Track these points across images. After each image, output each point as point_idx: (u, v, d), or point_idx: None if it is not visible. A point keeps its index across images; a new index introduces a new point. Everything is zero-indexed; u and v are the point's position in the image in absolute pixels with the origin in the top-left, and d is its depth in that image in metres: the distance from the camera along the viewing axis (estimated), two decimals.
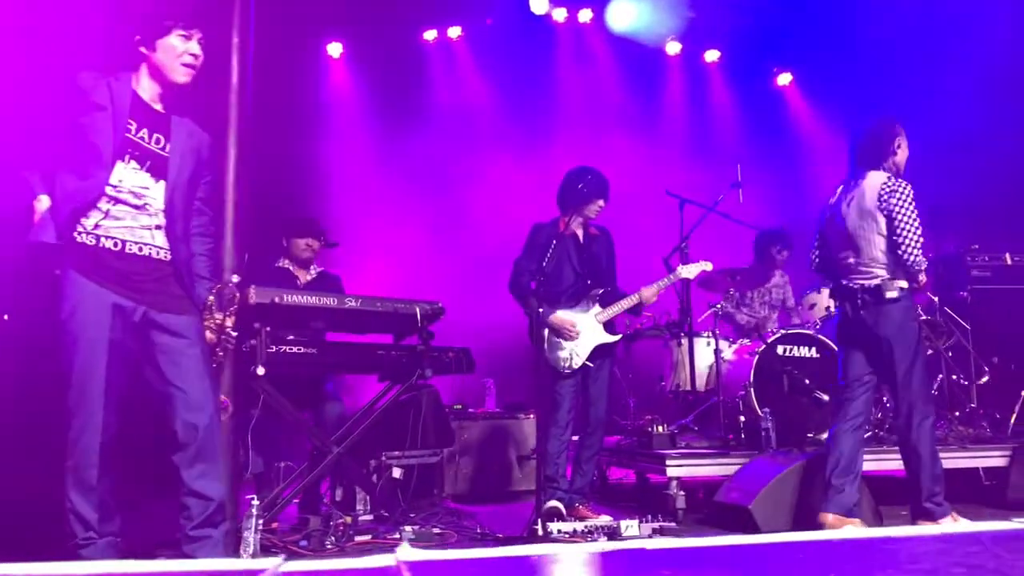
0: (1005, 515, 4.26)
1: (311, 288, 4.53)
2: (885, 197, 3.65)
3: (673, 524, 4.08)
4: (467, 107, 7.89)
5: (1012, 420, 5.01)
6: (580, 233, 4.47)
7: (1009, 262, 5.81)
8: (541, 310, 3.95)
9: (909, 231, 3.62)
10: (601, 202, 4.36)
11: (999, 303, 5.75)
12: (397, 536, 3.72)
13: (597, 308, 4.35)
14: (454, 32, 7.98)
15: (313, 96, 7.70)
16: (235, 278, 2.96)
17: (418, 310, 4.02)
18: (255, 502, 3.08)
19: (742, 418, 4.95)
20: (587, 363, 4.29)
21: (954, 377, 5.32)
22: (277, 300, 3.60)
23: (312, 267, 4.73)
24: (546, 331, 4.21)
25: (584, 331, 4.29)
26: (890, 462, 4.46)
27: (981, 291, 5.76)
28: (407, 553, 1.34)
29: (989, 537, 1.42)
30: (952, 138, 6.56)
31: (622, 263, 4.68)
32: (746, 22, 7.98)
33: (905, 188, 3.67)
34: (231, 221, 3.34)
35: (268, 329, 3.60)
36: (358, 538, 3.67)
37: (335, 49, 7.81)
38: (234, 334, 2.89)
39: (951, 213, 5.86)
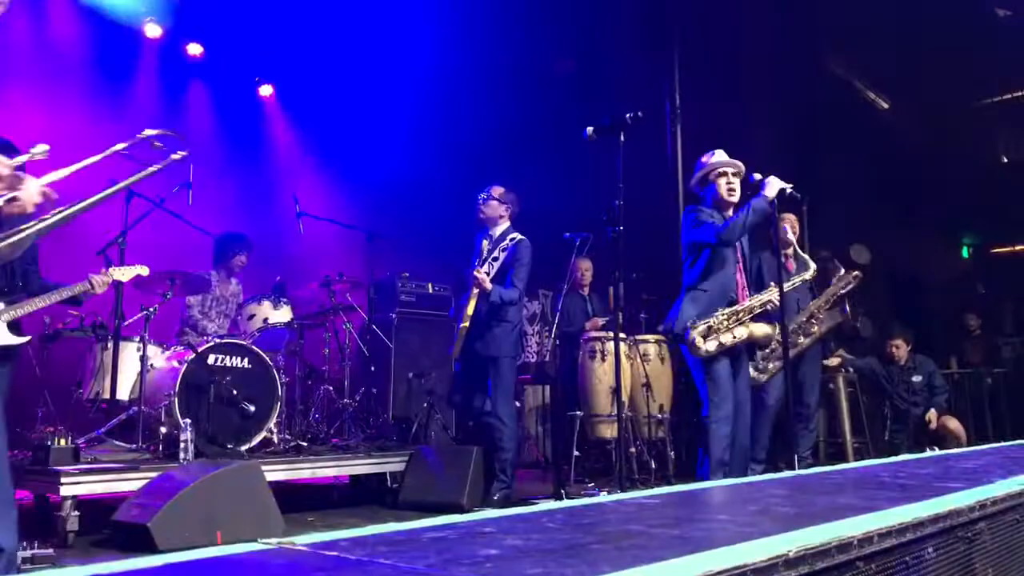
0: (398, 516, 4.75)
1: None
2: None
3: (50, 551, 3.62)
4: None
5: (414, 429, 5.67)
6: None
7: (431, 290, 6.65)
8: None
9: None
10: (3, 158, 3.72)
11: (420, 325, 6.54)
12: None
13: (0, 306, 3.69)
14: None
15: None
16: None
17: None
18: None
19: (163, 429, 4.69)
20: None
21: (374, 391, 5.84)
22: None
23: None
24: None
25: None
26: (302, 471, 4.66)
27: (407, 314, 6.48)
28: None
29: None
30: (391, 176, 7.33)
31: (58, 254, 4.08)
32: (233, 23, 7.80)
33: None
34: None
35: None
36: None
37: None
38: None
39: (388, 240, 6.45)
